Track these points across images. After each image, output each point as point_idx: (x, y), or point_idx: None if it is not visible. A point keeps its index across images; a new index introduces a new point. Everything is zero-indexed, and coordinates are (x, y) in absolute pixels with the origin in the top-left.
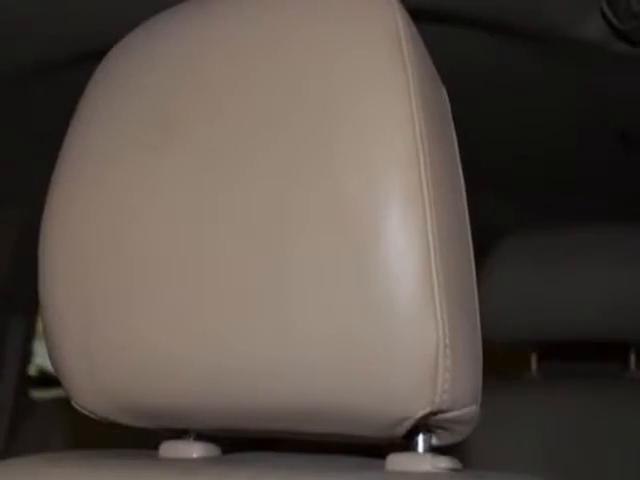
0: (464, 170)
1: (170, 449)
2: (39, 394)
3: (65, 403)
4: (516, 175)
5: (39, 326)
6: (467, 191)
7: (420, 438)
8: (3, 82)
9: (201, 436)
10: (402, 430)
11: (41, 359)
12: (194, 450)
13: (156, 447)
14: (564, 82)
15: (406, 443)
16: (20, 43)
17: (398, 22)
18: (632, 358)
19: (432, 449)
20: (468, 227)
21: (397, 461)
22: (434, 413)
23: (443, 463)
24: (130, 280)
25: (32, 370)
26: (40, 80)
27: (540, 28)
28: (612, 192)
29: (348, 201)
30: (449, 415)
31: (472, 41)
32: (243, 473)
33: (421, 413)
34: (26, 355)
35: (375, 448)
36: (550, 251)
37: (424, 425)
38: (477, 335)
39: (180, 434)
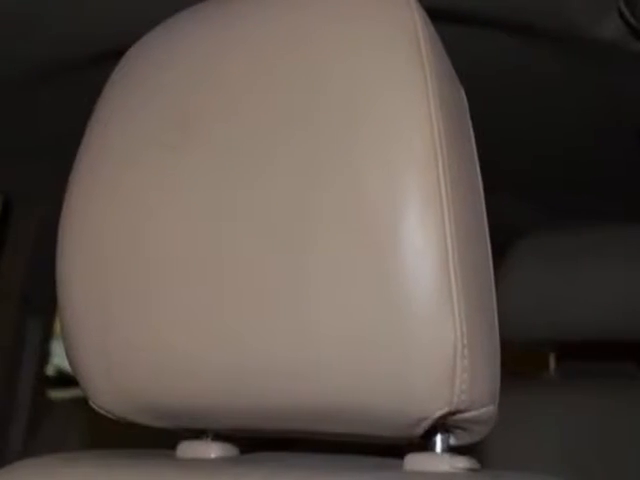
0: (482, 170)
1: (188, 449)
2: (57, 394)
3: (83, 403)
4: (533, 175)
5: (57, 326)
6: (485, 191)
7: (438, 438)
8: (21, 82)
9: (219, 436)
10: (420, 430)
11: (59, 359)
12: (212, 450)
13: (174, 447)
14: (581, 82)
15: (424, 443)
16: (39, 43)
17: (416, 22)
18: None
19: (450, 449)
20: (486, 227)
21: (415, 461)
22: (452, 413)
23: (461, 463)
24: (148, 280)
25: (50, 370)
26: (58, 80)
27: (557, 28)
28: (629, 192)
29: (366, 201)
30: (467, 415)
31: (489, 41)
32: (261, 473)
33: (439, 413)
34: (44, 355)
35: (393, 448)
36: (568, 251)
37: (442, 425)
38: (495, 335)
39: (198, 434)
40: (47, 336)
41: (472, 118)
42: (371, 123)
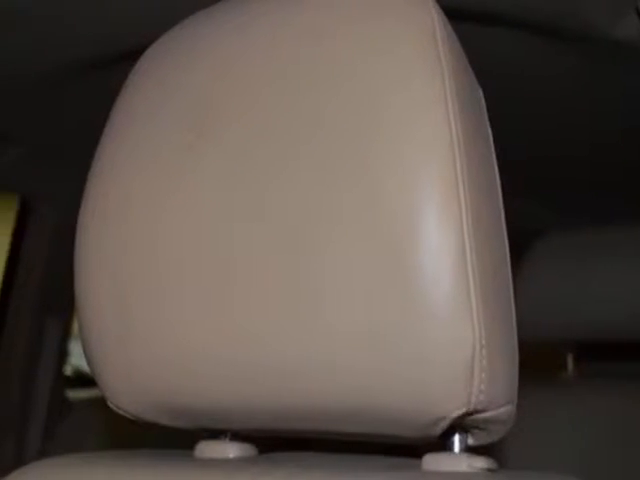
0: (500, 170)
1: (206, 449)
2: (75, 394)
3: (101, 403)
4: (551, 176)
5: (75, 326)
6: (503, 192)
7: (456, 438)
8: (40, 83)
9: (237, 436)
10: (438, 430)
11: (77, 359)
12: (230, 450)
13: (191, 448)
14: (600, 82)
15: (442, 443)
16: (56, 44)
17: (434, 22)
18: None
19: (468, 449)
20: (504, 227)
21: (433, 461)
22: (470, 413)
23: (479, 463)
24: (166, 280)
25: (68, 370)
26: (77, 80)
27: (575, 28)
28: None
29: (384, 201)
30: (485, 415)
31: (506, 41)
32: (279, 473)
33: (457, 413)
34: (62, 355)
35: (411, 448)
36: (585, 251)
37: (460, 425)
38: (513, 335)
39: (216, 434)
40: (65, 336)
41: (489, 118)
42: (389, 123)
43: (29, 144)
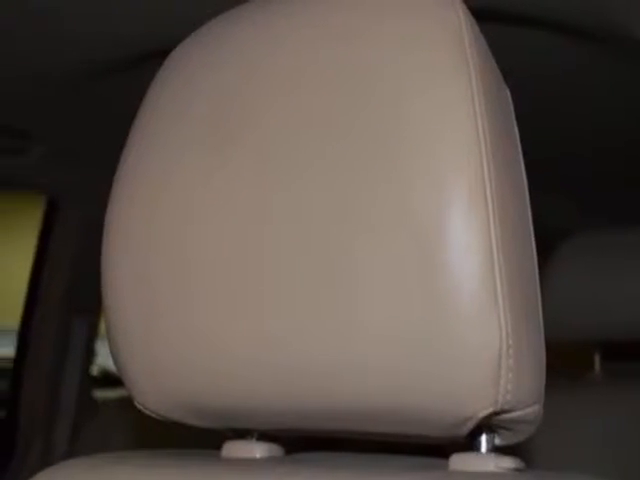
0: (527, 170)
1: (232, 449)
2: (102, 394)
3: (128, 403)
4: (578, 175)
5: (102, 326)
6: (530, 191)
7: (483, 438)
8: (65, 83)
9: (263, 436)
10: (465, 430)
11: (104, 359)
12: (257, 450)
13: (218, 447)
14: (627, 81)
15: (469, 443)
16: (84, 44)
17: (461, 22)
18: None
19: (495, 449)
20: (531, 227)
21: (460, 461)
22: (497, 413)
23: (506, 463)
24: (193, 281)
25: (95, 370)
26: (102, 80)
27: (601, 27)
28: None
29: (412, 201)
30: (512, 415)
31: (534, 41)
32: (306, 473)
33: (484, 413)
34: (89, 355)
35: (437, 448)
36: (613, 251)
37: (487, 425)
38: (540, 335)
39: (242, 434)
40: (92, 336)
41: (517, 118)
42: (416, 123)
43: (55, 144)
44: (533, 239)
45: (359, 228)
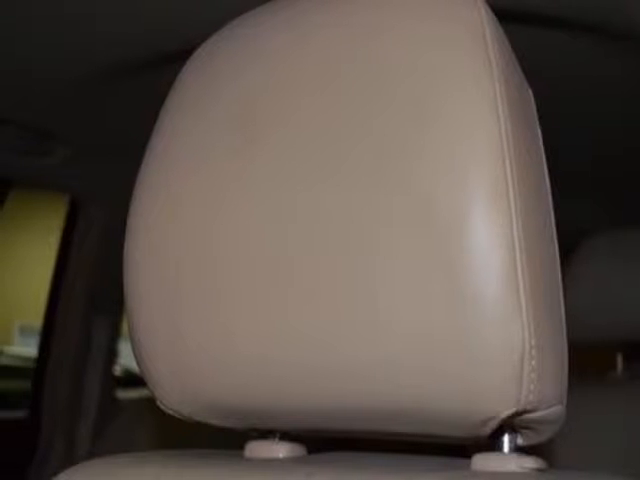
0: (549, 170)
1: (255, 449)
2: (124, 394)
3: (150, 403)
4: (600, 175)
5: (124, 326)
6: (552, 191)
7: (506, 438)
8: (87, 83)
9: (286, 436)
10: (487, 430)
11: (126, 359)
12: (280, 450)
13: (241, 447)
14: None
15: (491, 443)
16: (106, 43)
17: (484, 22)
18: None
19: (517, 449)
20: (553, 227)
21: (483, 461)
22: (519, 413)
23: (529, 463)
24: (216, 281)
25: (117, 370)
26: (125, 81)
27: (623, 27)
28: None
29: (435, 202)
30: (534, 415)
31: (557, 41)
32: (330, 473)
33: (506, 413)
34: (111, 355)
35: (459, 448)
36: (635, 250)
37: (509, 425)
38: (562, 335)
39: (265, 434)
40: (114, 336)
41: (540, 118)
42: (438, 123)
43: (78, 144)
44: (555, 239)
45: (381, 229)
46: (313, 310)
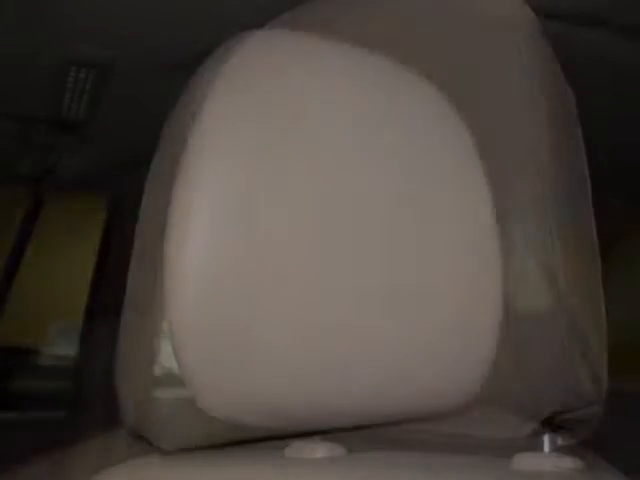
0: (589, 169)
1: (295, 449)
2: (162, 394)
3: (189, 403)
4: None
5: (164, 325)
6: (592, 191)
7: (545, 437)
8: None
9: (326, 435)
10: (527, 429)
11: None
12: (320, 450)
13: (281, 446)
14: None
15: (532, 442)
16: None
17: (524, 21)
18: None
19: (557, 448)
20: (594, 228)
21: (523, 460)
22: (559, 412)
23: (568, 463)
24: (260, 278)
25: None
26: (163, 80)
27: None
28: None
29: (475, 201)
30: (574, 414)
31: (597, 40)
32: (369, 472)
33: (546, 413)
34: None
35: (499, 447)
36: None
37: (549, 424)
38: (602, 335)
39: (306, 434)
40: (154, 335)
41: (580, 118)
42: (480, 123)
43: (119, 146)
44: (596, 238)
45: (427, 226)
46: (351, 308)
